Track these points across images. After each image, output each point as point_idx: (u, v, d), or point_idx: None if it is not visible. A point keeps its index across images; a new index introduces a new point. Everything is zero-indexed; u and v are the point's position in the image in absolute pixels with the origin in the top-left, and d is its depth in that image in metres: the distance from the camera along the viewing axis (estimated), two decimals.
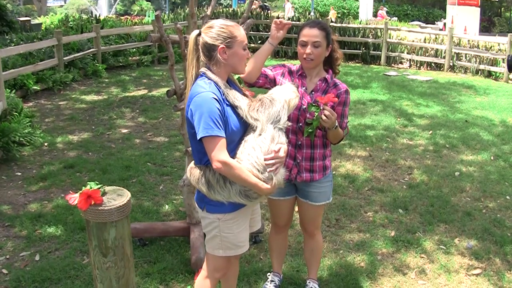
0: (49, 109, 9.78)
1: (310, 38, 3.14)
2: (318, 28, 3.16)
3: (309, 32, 3.15)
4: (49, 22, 19.22)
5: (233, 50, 2.71)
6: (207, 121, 2.56)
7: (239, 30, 2.75)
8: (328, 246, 4.54)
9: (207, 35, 2.70)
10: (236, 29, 2.73)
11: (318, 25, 3.18)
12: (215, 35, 2.68)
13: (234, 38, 2.70)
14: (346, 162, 6.70)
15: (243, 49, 2.75)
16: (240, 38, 2.73)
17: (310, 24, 3.20)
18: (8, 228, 4.91)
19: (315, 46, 3.15)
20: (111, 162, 6.65)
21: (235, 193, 2.71)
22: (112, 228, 2.98)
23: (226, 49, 2.69)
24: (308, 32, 3.15)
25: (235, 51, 2.72)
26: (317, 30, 3.15)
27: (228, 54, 2.70)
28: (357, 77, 13.25)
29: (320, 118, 3.00)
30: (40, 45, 11.54)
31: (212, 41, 2.68)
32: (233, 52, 2.72)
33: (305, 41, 3.16)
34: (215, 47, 2.69)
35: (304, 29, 3.19)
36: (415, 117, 9.17)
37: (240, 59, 2.76)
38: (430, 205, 5.42)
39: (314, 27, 3.16)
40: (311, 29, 3.15)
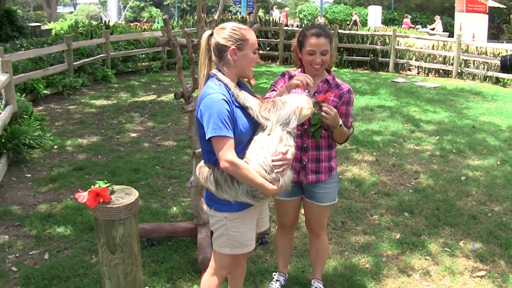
0: (59, 113, 9.89)
1: (318, 48, 3.21)
2: (324, 37, 3.22)
3: (317, 42, 3.21)
4: (59, 28, 19.38)
5: (243, 52, 2.78)
6: (216, 122, 2.62)
7: (251, 33, 2.82)
8: (334, 248, 4.59)
9: (219, 36, 2.77)
10: (248, 32, 2.81)
11: (324, 34, 3.24)
12: (227, 36, 2.75)
13: (245, 41, 2.77)
14: (353, 167, 6.74)
15: (253, 52, 2.82)
16: (251, 42, 2.80)
17: (315, 33, 3.23)
18: (18, 227, 4.99)
19: (323, 54, 3.23)
20: (120, 165, 6.73)
21: (242, 193, 2.77)
22: (120, 226, 3.04)
23: (237, 50, 2.76)
24: (315, 41, 3.21)
25: (245, 53, 2.79)
26: (324, 39, 3.22)
27: (239, 56, 2.77)
28: (365, 84, 13.29)
29: (320, 114, 3.06)
30: (50, 50, 11.67)
31: (224, 42, 2.76)
32: (244, 54, 2.78)
33: (313, 51, 3.22)
34: (227, 48, 2.76)
35: (311, 38, 3.23)
36: (422, 123, 9.20)
37: (250, 62, 2.83)
38: (436, 208, 5.45)
39: (321, 36, 3.21)
40: (318, 39, 3.21)
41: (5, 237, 4.78)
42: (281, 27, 17.45)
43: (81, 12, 52.51)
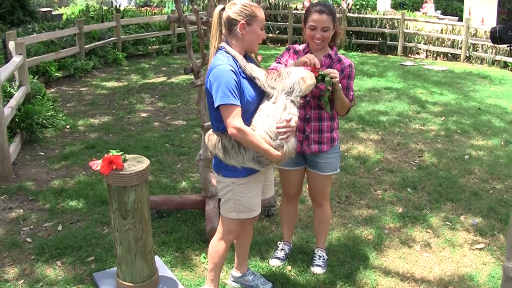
0: (71, 94, 10.06)
1: (320, 24, 3.35)
2: (327, 14, 3.36)
3: (319, 18, 3.35)
4: (70, 12, 19.51)
5: (252, 27, 2.95)
6: (224, 91, 2.78)
7: (260, 10, 2.99)
8: (338, 220, 4.74)
9: (231, 10, 2.94)
10: (258, 9, 2.97)
11: (327, 11, 3.37)
12: (238, 11, 2.92)
13: (254, 17, 2.94)
14: (358, 145, 6.87)
15: (260, 29, 2.99)
16: (260, 18, 2.97)
17: (318, 9, 3.38)
18: (32, 202, 5.17)
19: (325, 30, 3.37)
20: (131, 143, 6.89)
21: (248, 159, 2.93)
22: (132, 192, 3.21)
23: (246, 25, 2.92)
24: (318, 17, 3.35)
25: (253, 28, 2.95)
26: (326, 16, 3.36)
27: (247, 31, 2.94)
28: (373, 66, 13.37)
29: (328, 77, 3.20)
30: (62, 33, 11.82)
31: (235, 16, 2.92)
32: (252, 29, 2.95)
33: (314, 26, 3.37)
34: (237, 22, 2.92)
35: (314, 14, 3.38)
36: (428, 104, 9.30)
37: (257, 38, 2.99)
38: (438, 185, 5.58)
39: (323, 13, 3.35)
40: (320, 15, 3.35)
41: (20, 211, 4.95)
42: (290, 11, 17.49)
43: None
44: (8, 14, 14.82)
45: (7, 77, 6.53)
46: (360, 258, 4.08)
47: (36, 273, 3.86)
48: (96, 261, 4.01)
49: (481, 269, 4.02)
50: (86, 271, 3.86)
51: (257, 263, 3.95)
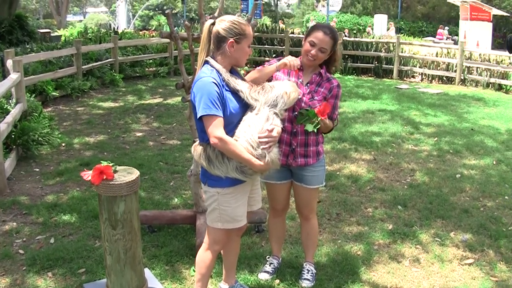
0: (67, 114, 10.15)
1: (320, 43, 3.44)
2: (330, 37, 3.46)
3: (322, 38, 3.44)
4: (69, 34, 19.71)
5: (240, 45, 3.02)
6: (206, 102, 2.86)
7: (249, 28, 3.07)
8: (327, 236, 4.77)
9: (221, 26, 3.00)
10: (247, 27, 3.05)
11: (331, 34, 3.47)
12: (228, 29, 2.99)
13: (244, 35, 3.01)
14: (351, 164, 6.92)
15: (248, 46, 3.07)
16: (249, 36, 3.05)
17: (325, 30, 3.47)
18: (25, 215, 5.21)
19: (322, 51, 3.47)
20: (125, 160, 6.93)
21: (232, 169, 2.99)
22: (122, 202, 3.25)
23: (235, 43, 2.99)
24: (321, 36, 3.44)
25: (242, 46, 3.03)
26: (329, 38, 3.45)
27: (235, 48, 3.01)
28: (368, 89, 13.47)
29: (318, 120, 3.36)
30: (60, 53, 11.95)
31: (224, 33, 2.99)
32: (240, 47, 3.03)
33: (314, 42, 3.45)
34: (225, 39, 2.99)
35: (318, 32, 3.46)
36: (422, 125, 9.37)
37: (244, 54, 3.08)
38: (429, 202, 5.62)
39: (327, 35, 3.44)
40: (325, 36, 3.44)
41: (13, 224, 4.99)
42: (286, 35, 17.67)
43: (91, 20, 53.04)
44: (7, 33, 14.96)
45: (3, 94, 6.60)
46: (349, 272, 4.10)
47: (27, 284, 3.89)
48: (87, 272, 4.04)
49: (470, 284, 4.04)
50: (76, 282, 3.90)
51: (246, 276, 3.98)
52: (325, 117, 3.40)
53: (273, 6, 61.60)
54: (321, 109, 3.38)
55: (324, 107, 3.40)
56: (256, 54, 17.85)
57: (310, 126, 3.38)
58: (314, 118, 3.35)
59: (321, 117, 3.36)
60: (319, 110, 3.37)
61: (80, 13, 67.53)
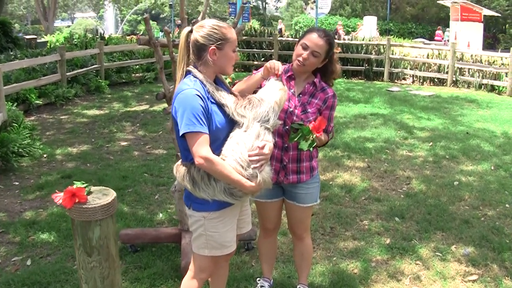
0: (51, 122, 9.84)
1: (313, 46, 3.12)
2: (325, 41, 3.14)
3: (316, 41, 3.12)
4: (55, 40, 19.34)
5: (223, 51, 2.71)
6: (189, 117, 2.56)
7: (231, 31, 2.75)
8: (322, 253, 4.49)
9: (199, 34, 2.69)
10: (228, 30, 2.73)
11: (326, 38, 3.15)
12: (207, 35, 2.68)
13: (226, 40, 2.70)
14: (344, 173, 6.65)
15: (233, 51, 2.75)
16: (231, 40, 2.73)
17: (320, 33, 3.16)
18: (2, 234, 4.94)
19: (314, 55, 3.14)
20: (108, 172, 6.65)
21: (219, 191, 2.69)
22: (97, 227, 2.96)
23: (217, 50, 2.68)
24: (315, 39, 3.13)
25: (225, 52, 2.72)
26: (324, 42, 3.13)
27: (218, 56, 2.70)
28: (359, 93, 13.23)
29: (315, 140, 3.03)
30: (43, 60, 11.64)
31: (203, 41, 2.68)
32: (223, 53, 2.71)
33: (307, 45, 3.13)
34: (206, 47, 2.68)
35: (313, 34, 3.15)
36: (415, 129, 9.13)
37: (229, 61, 2.76)
38: (427, 213, 5.36)
39: (322, 38, 3.13)
40: (319, 39, 3.12)
41: None
42: (275, 38, 17.41)
43: (79, 25, 52.63)
44: None
45: None
46: None
47: None
48: None
49: None
50: None
51: None
52: (320, 134, 3.07)
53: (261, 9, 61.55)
54: (316, 125, 3.05)
55: (320, 122, 3.07)
56: (244, 58, 17.60)
57: (304, 144, 3.05)
58: (308, 135, 3.04)
59: (316, 134, 3.04)
60: (314, 127, 3.04)
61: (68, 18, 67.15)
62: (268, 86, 2.96)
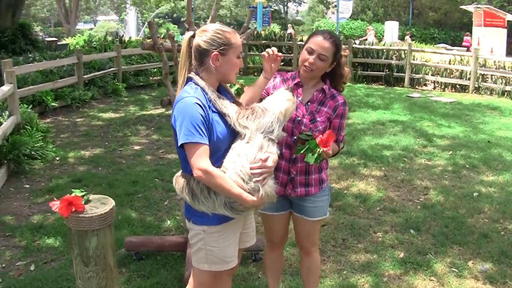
0: (66, 125, 9.82)
1: (319, 49, 2.95)
2: (331, 43, 2.98)
3: (322, 43, 2.96)
4: (75, 42, 19.43)
5: (227, 57, 2.58)
6: (188, 127, 2.44)
7: (235, 36, 2.62)
8: (332, 266, 4.33)
9: (201, 39, 2.57)
10: (232, 35, 2.60)
11: (332, 39, 2.99)
12: (210, 40, 2.55)
13: (229, 45, 2.57)
14: (359, 182, 6.47)
15: (237, 57, 2.62)
16: (236, 45, 2.60)
17: (325, 35, 3.00)
18: (8, 238, 4.90)
19: (321, 59, 2.97)
20: (119, 177, 6.57)
21: (219, 205, 2.56)
22: (94, 237, 2.85)
23: (220, 56, 2.55)
24: (320, 42, 2.96)
25: (229, 58, 2.59)
26: (330, 45, 2.97)
27: (221, 62, 2.57)
28: (379, 99, 13.00)
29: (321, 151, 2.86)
30: (60, 63, 11.64)
31: (206, 46, 2.56)
32: (227, 59, 2.59)
33: (312, 49, 2.96)
34: (208, 53, 2.56)
35: (317, 37, 2.99)
36: (435, 137, 8.89)
37: (233, 67, 2.63)
38: (444, 226, 5.15)
39: (328, 40, 2.97)
40: (324, 41, 2.96)
41: None
42: (295, 42, 17.26)
43: (101, 28, 52.96)
44: (10, 42, 14.65)
45: None
46: None
47: None
48: None
49: None
50: None
51: None
52: (328, 148, 2.88)
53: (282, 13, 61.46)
54: (324, 139, 2.86)
55: (328, 136, 2.87)
56: None
57: (311, 158, 2.86)
58: (315, 149, 2.86)
59: (323, 149, 2.86)
60: (321, 140, 2.85)
61: (91, 21, 67.71)
62: (275, 95, 2.81)
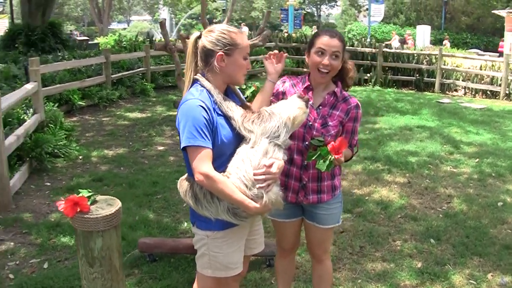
0: (92, 124, 9.91)
1: (331, 48, 2.87)
2: (338, 39, 2.90)
3: (330, 42, 2.88)
4: (105, 42, 19.65)
5: (232, 58, 2.53)
6: (191, 130, 2.40)
7: (242, 37, 2.56)
8: (347, 274, 4.23)
9: (207, 39, 2.53)
10: (239, 36, 2.55)
11: (338, 36, 2.92)
12: (215, 40, 2.51)
13: (235, 46, 2.52)
14: (382, 188, 6.36)
15: (243, 58, 2.56)
16: (242, 46, 2.55)
17: (329, 33, 2.93)
18: (25, 235, 4.94)
19: (336, 55, 2.89)
20: (140, 177, 6.58)
21: (222, 210, 2.51)
22: (99, 238, 2.83)
23: (225, 56, 2.51)
24: (329, 41, 2.88)
25: (234, 59, 2.54)
26: (338, 41, 2.89)
27: (227, 62, 2.52)
28: (408, 104, 12.80)
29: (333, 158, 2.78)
30: (87, 62, 11.77)
31: (211, 46, 2.52)
32: (232, 60, 2.53)
33: (323, 49, 2.88)
34: (213, 53, 2.51)
35: (323, 37, 2.91)
36: (462, 144, 8.70)
37: (239, 69, 2.57)
38: (466, 236, 5.01)
39: (335, 37, 2.90)
40: (332, 39, 2.88)
41: (10, 244, 4.74)
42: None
43: (134, 28, 53.48)
44: (39, 41, 14.90)
45: (11, 105, 6.27)
46: None
47: None
48: None
49: None
50: None
51: None
52: (340, 155, 2.79)
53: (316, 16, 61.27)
54: (336, 146, 2.77)
55: (340, 143, 2.79)
56: (294, 65, 17.51)
57: (322, 165, 2.78)
58: (326, 156, 2.78)
59: (335, 156, 2.78)
60: (333, 147, 2.77)
61: (124, 21, 68.47)
62: (287, 101, 2.74)
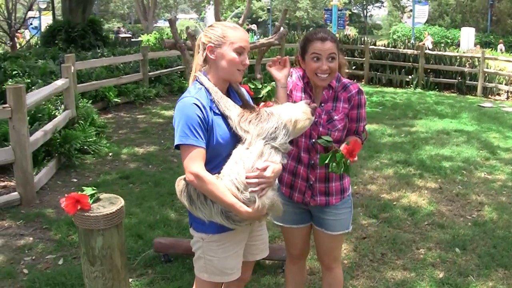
0: (126, 121, 9.99)
1: (326, 52, 2.79)
2: (331, 40, 2.81)
3: (323, 46, 2.79)
4: (147, 39, 19.89)
5: (221, 50, 2.46)
6: (183, 129, 2.36)
7: (236, 31, 2.49)
8: (364, 282, 4.10)
9: (204, 34, 2.52)
10: (232, 30, 2.48)
11: (330, 37, 2.82)
12: (209, 34, 2.48)
13: (224, 38, 2.46)
14: (411, 193, 6.17)
15: (236, 52, 2.47)
16: (232, 39, 2.46)
17: (320, 37, 2.81)
18: (44, 230, 5.00)
19: (332, 58, 2.81)
20: (167, 176, 6.57)
21: (216, 213, 2.45)
22: (99, 237, 2.80)
23: (214, 48, 2.46)
24: (322, 45, 2.79)
25: (223, 52, 2.46)
26: (331, 43, 2.80)
27: (216, 55, 2.47)
28: (448, 107, 12.44)
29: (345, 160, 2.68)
30: (123, 60, 11.88)
31: (204, 40, 2.50)
32: (221, 53, 2.46)
33: (318, 55, 2.79)
34: (205, 46, 2.49)
35: (316, 42, 2.80)
36: (500, 150, 8.38)
37: (230, 63, 2.47)
38: (493, 246, 4.80)
39: (327, 40, 2.80)
40: (324, 43, 2.79)
41: (29, 239, 4.80)
42: (367, 47, 16.87)
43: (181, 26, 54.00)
44: (79, 38, 15.15)
45: (38, 101, 6.34)
46: None
47: None
48: None
49: None
50: None
51: None
52: (355, 158, 2.69)
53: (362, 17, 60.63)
54: (349, 148, 2.67)
55: (353, 145, 2.69)
56: None
57: (336, 168, 2.68)
58: (341, 160, 2.66)
59: (350, 159, 2.67)
60: (347, 151, 2.66)
61: None
62: (292, 104, 2.65)
